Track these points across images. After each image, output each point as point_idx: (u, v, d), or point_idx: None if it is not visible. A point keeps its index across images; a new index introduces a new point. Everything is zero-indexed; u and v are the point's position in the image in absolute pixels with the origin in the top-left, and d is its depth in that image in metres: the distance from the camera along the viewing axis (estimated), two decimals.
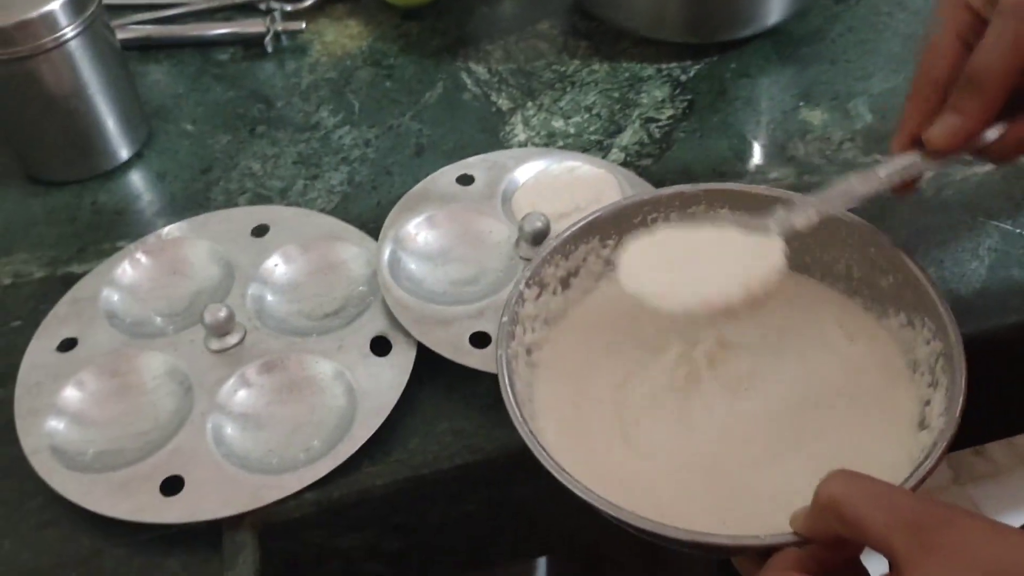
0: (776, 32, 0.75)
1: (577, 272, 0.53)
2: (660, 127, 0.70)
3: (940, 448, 0.41)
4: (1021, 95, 0.46)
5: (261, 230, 0.62)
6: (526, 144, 0.69)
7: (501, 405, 0.46)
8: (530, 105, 0.72)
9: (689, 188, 0.54)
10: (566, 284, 0.53)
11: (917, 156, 0.49)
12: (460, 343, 0.54)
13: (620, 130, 0.69)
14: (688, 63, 0.74)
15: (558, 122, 0.70)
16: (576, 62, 0.76)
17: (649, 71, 0.74)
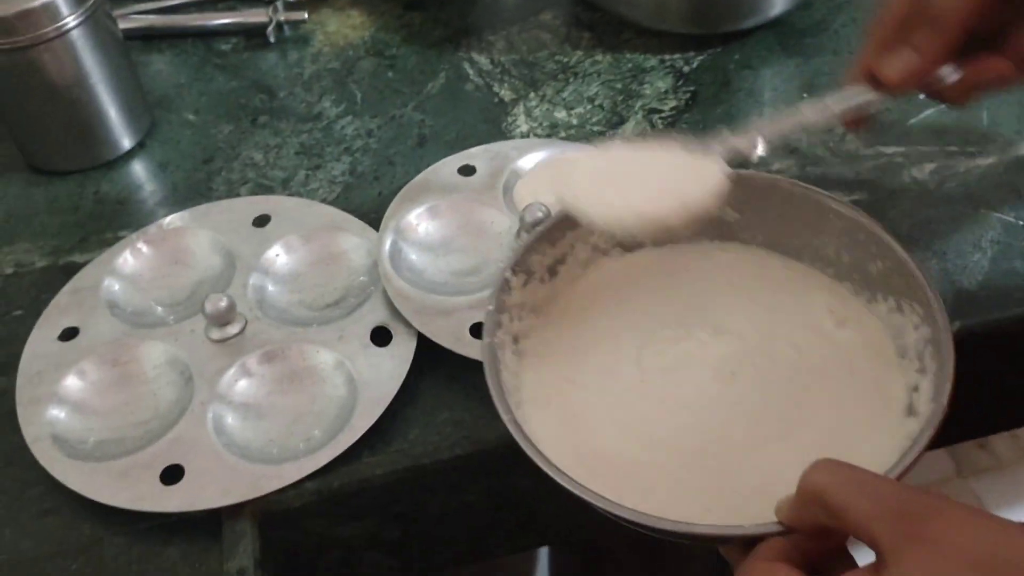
0: (779, 23, 0.75)
1: (564, 260, 0.53)
2: (663, 118, 0.69)
3: (927, 435, 0.41)
4: (977, 38, 0.47)
5: (262, 220, 0.62)
6: (528, 135, 0.69)
7: None
8: (532, 96, 0.72)
9: None
10: (553, 272, 0.52)
11: (870, 90, 0.49)
12: (461, 333, 0.54)
13: (623, 121, 0.69)
14: (691, 54, 0.74)
15: (560, 113, 0.70)
16: (579, 53, 0.75)
17: (652, 62, 0.74)
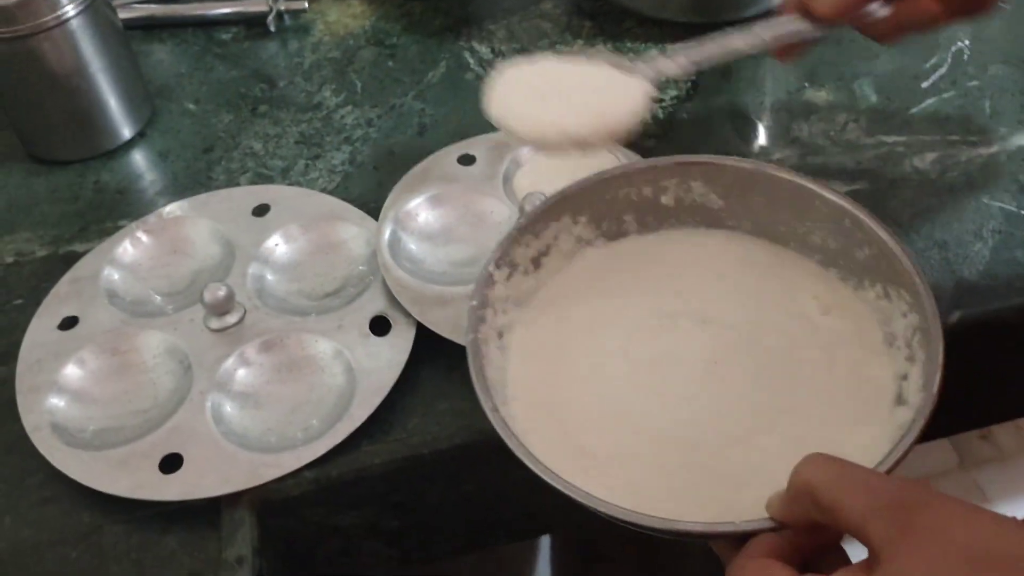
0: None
1: (548, 251, 0.52)
2: (664, 108, 0.69)
3: (918, 426, 0.41)
4: None
5: (262, 210, 0.62)
6: None
7: None
8: None
9: (661, 161, 0.53)
10: (537, 264, 0.52)
11: (801, 20, 0.49)
12: (460, 323, 0.53)
13: None
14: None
15: None
16: (580, 42, 0.75)
17: (653, 51, 0.73)
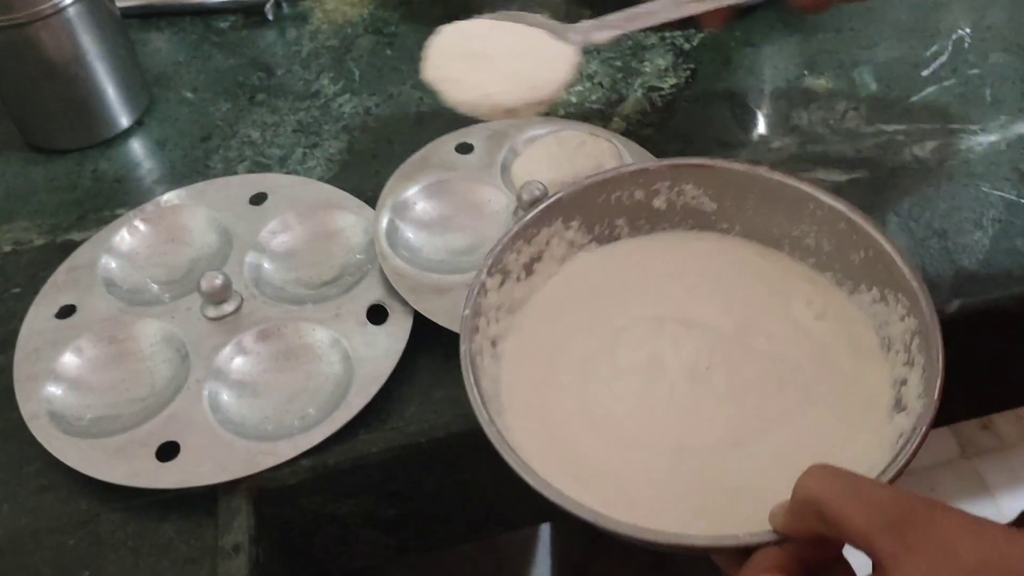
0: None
1: (541, 257, 0.52)
2: (662, 96, 0.69)
3: (919, 433, 0.40)
4: None
5: (259, 198, 0.62)
6: None
7: None
8: None
9: (653, 165, 0.53)
10: (530, 270, 0.51)
11: None
12: (457, 312, 0.53)
13: (622, 99, 0.69)
14: (692, 32, 0.73)
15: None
16: None
17: (652, 39, 0.73)
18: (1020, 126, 0.64)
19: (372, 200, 0.61)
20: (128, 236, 0.61)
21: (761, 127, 0.67)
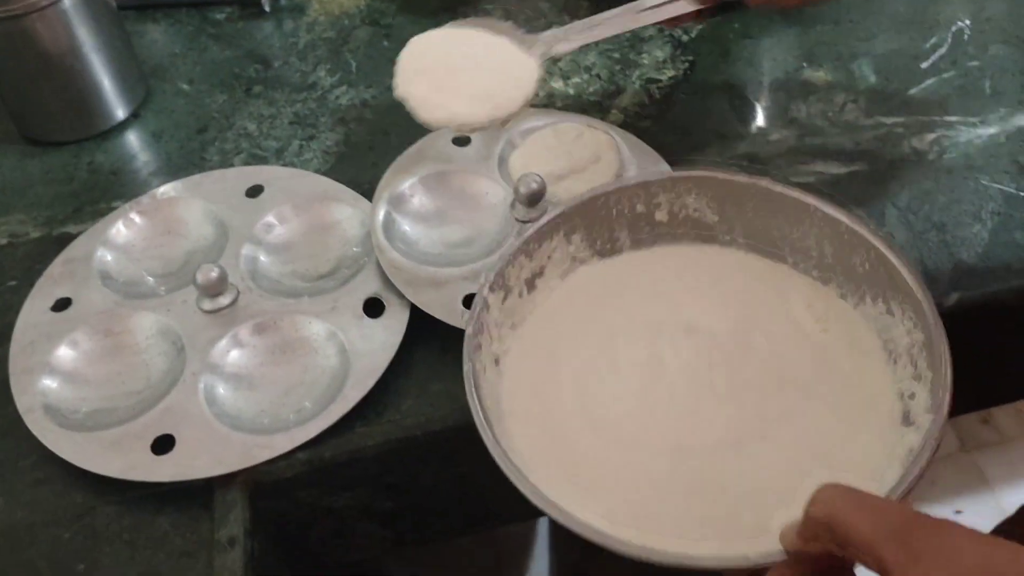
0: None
1: (542, 272, 0.52)
2: (660, 88, 0.69)
3: (929, 449, 0.40)
4: None
5: (256, 190, 0.62)
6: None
7: None
8: None
9: (655, 176, 0.53)
10: (532, 285, 0.51)
11: None
12: (453, 305, 0.54)
13: (620, 91, 0.69)
14: (690, 24, 0.73)
15: (557, 83, 0.70)
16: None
17: (650, 31, 0.73)
18: (1019, 118, 0.63)
19: (369, 192, 0.60)
20: (124, 229, 0.61)
21: (760, 119, 0.66)
